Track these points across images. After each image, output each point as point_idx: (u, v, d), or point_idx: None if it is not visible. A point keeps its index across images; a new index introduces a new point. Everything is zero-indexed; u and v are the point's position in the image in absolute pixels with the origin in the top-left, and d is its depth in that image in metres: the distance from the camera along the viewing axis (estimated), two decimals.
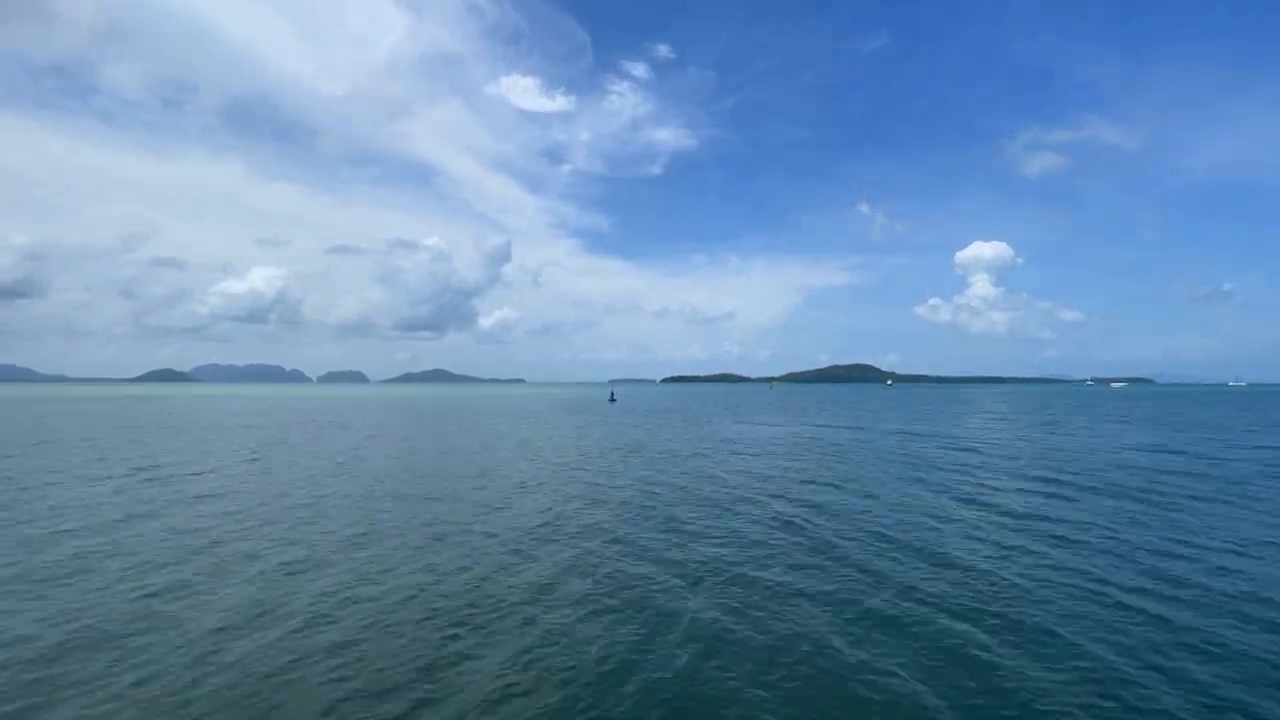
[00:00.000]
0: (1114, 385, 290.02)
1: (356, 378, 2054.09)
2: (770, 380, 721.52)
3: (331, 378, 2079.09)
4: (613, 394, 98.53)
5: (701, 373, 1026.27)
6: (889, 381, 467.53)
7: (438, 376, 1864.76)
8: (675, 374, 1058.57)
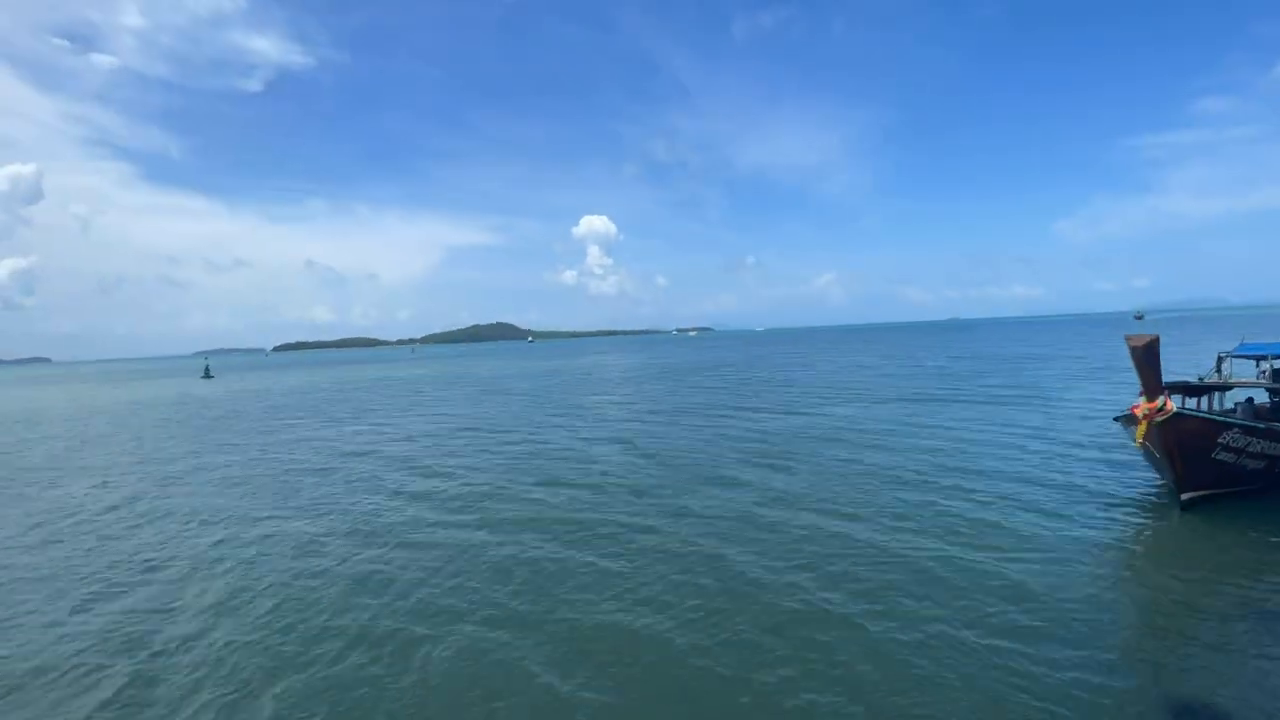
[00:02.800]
0: (691, 333, 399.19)
1: None
2: (412, 342, 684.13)
3: None
4: (208, 369, 78.69)
5: (329, 338, 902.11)
6: (530, 339, 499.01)
7: None
8: (296, 340, 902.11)
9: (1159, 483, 11.31)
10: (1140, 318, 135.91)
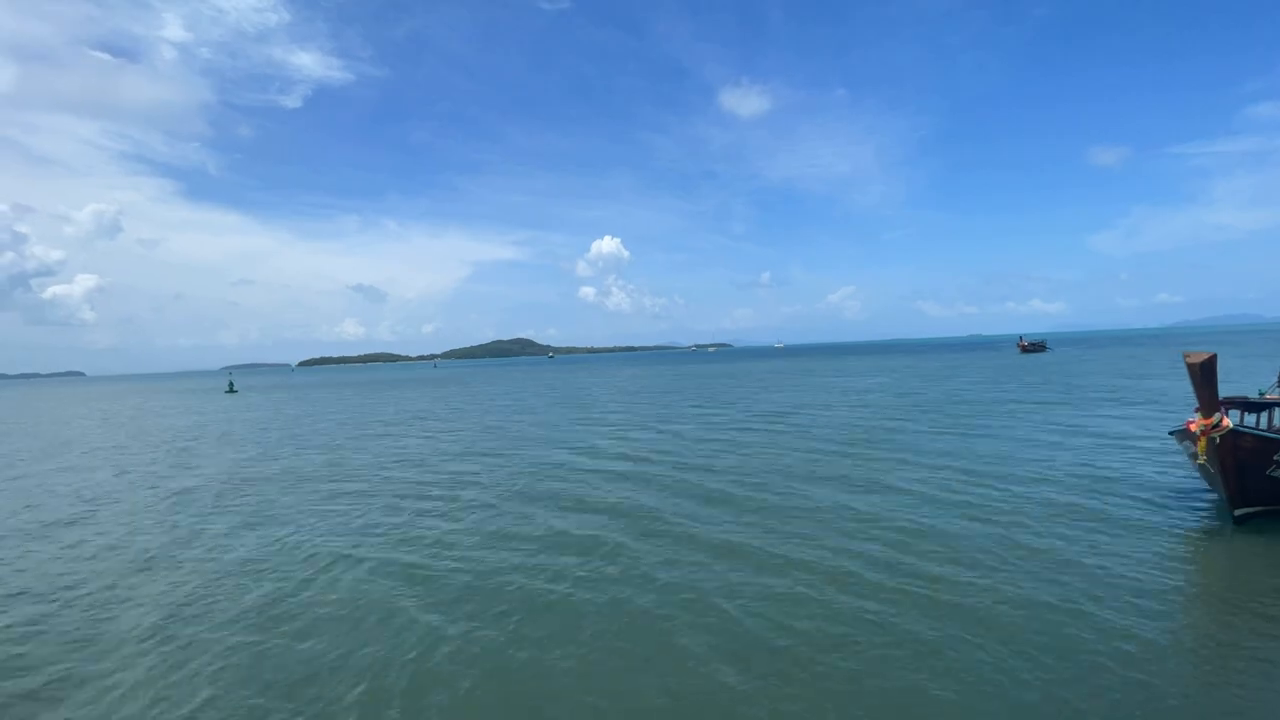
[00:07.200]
0: (709, 349, 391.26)
1: None
2: (433, 358, 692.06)
3: None
4: (231, 384, 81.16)
5: (353, 354, 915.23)
6: (551, 354, 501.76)
7: None
8: (320, 356, 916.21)
9: (1212, 497, 11.46)
10: (1030, 346, 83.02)
